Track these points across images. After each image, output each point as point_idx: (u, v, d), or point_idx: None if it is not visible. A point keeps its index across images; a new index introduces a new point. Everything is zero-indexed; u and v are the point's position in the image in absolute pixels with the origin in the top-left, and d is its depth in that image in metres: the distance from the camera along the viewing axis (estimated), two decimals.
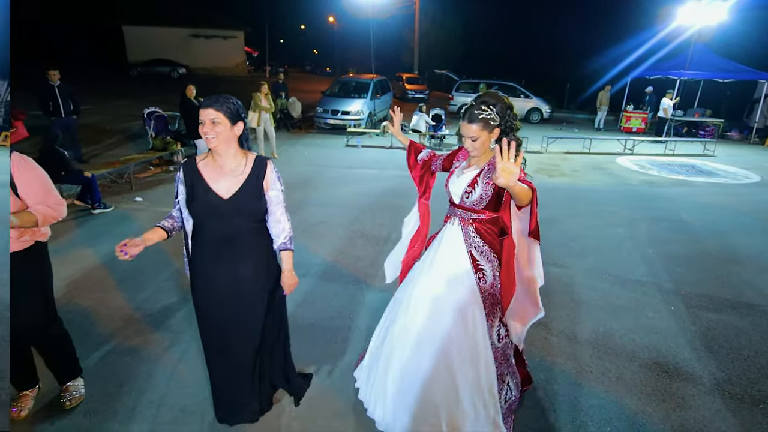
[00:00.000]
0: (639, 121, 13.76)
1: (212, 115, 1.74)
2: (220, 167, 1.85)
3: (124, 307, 3.17)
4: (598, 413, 2.35)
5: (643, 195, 6.79)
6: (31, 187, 1.90)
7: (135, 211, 5.15)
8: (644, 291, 3.72)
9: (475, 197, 1.94)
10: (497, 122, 1.89)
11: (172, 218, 1.94)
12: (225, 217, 1.84)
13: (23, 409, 2.18)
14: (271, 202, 1.91)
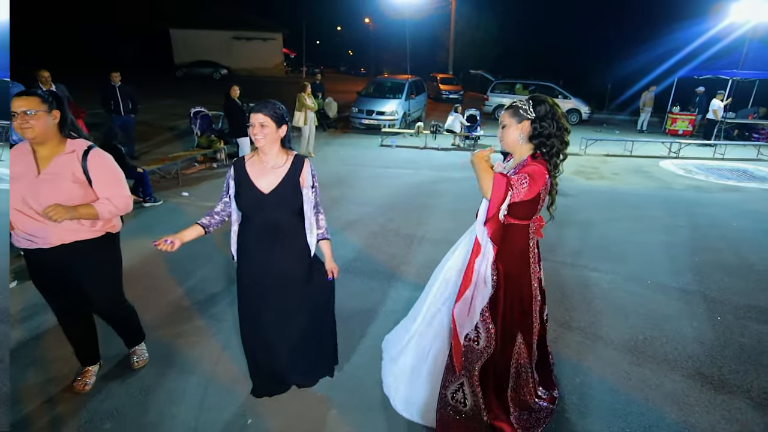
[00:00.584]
0: (686, 123, 13.10)
1: (261, 119, 1.96)
2: (263, 165, 2.07)
3: (172, 295, 3.38)
4: (637, 420, 2.31)
5: (688, 200, 6.50)
6: (102, 179, 2.08)
7: (182, 205, 5.43)
8: (688, 299, 3.59)
9: None
10: (529, 116, 1.87)
11: (210, 215, 2.17)
12: (266, 210, 2.06)
13: (87, 384, 2.39)
14: (307, 197, 2.09)
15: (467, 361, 2.03)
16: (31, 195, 1.94)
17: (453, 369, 2.04)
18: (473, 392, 2.04)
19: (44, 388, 2.38)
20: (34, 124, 1.91)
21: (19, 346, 2.72)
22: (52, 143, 2.01)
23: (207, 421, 2.20)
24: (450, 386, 2.08)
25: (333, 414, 2.28)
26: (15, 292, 3.33)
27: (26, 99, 1.91)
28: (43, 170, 1.98)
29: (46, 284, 2.18)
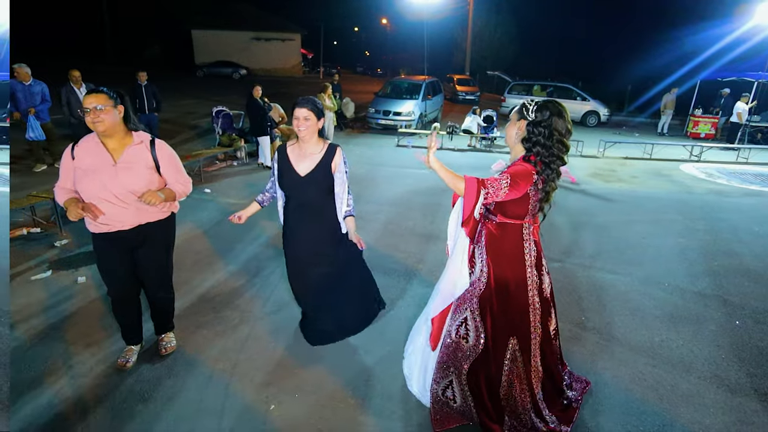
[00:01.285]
0: (708, 126, 12.85)
1: (305, 113, 2.32)
2: (302, 152, 2.44)
3: (197, 287, 3.51)
4: (651, 420, 2.34)
5: (709, 204, 6.40)
6: (169, 166, 2.34)
7: (204, 201, 5.60)
8: (707, 303, 3.57)
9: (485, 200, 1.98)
10: (527, 117, 1.89)
11: (263, 193, 2.62)
12: (302, 189, 2.43)
13: (129, 361, 2.57)
14: (338, 180, 2.45)
15: (456, 359, 2.07)
16: (111, 182, 2.15)
17: (443, 365, 2.12)
18: (462, 391, 2.09)
19: (84, 367, 2.52)
20: (104, 118, 2.09)
21: (57, 328, 2.88)
22: (119, 135, 2.21)
23: (232, 406, 2.30)
24: (441, 382, 2.14)
25: (352, 403, 2.36)
26: (51, 280, 3.51)
27: (96, 96, 2.10)
28: (119, 160, 2.19)
29: (114, 265, 2.36)
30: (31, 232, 4.39)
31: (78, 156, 2.20)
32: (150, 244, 2.38)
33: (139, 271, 2.45)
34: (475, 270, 2.04)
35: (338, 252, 2.56)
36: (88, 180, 2.15)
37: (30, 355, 2.63)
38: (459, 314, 2.08)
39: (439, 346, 2.14)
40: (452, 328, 2.09)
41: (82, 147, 2.21)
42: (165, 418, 2.21)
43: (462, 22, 25.19)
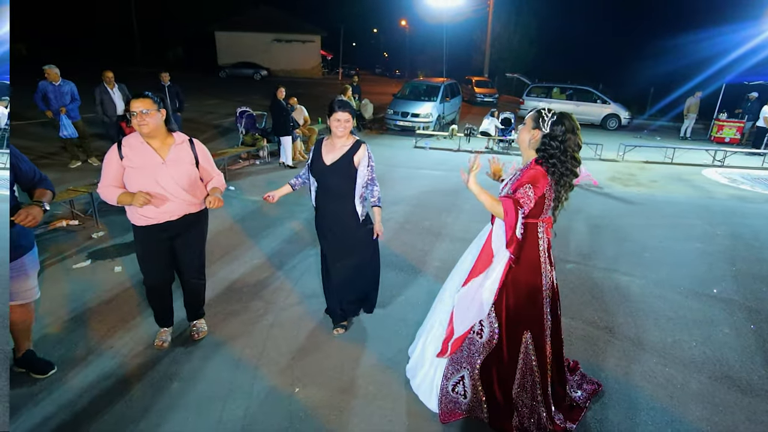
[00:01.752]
0: (733, 130, 12.57)
1: (347, 117, 2.65)
2: (333, 145, 2.74)
3: (225, 278, 3.71)
4: (660, 415, 2.41)
5: (730, 210, 6.34)
6: (206, 160, 2.61)
7: (228, 198, 5.83)
8: (722, 307, 3.60)
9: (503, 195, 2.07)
10: (543, 128, 1.98)
11: (296, 178, 2.94)
12: (326, 176, 2.72)
13: (164, 341, 2.80)
14: (361, 173, 2.71)
15: (469, 354, 2.16)
16: (163, 178, 2.39)
17: (455, 360, 2.21)
18: (474, 386, 2.17)
19: (125, 348, 2.73)
20: (149, 121, 2.31)
21: (98, 312, 3.11)
22: (161, 136, 2.44)
23: (260, 388, 2.47)
24: (451, 378, 2.22)
25: (372, 390, 2.50)
26: (90, 269, 3.76)
27: (142, 101, 2.31)
28: (167, 158, 2.42)
29: (151, 254, 2.58)
30: (70, 224, 4.67)
31: (126, 155, 2.38)
32: (190, 234, 2.62)
33: (178, 258, 2.66)
34: (491, 269, 2.14)
35: (353, 241, 2.85)
36: (140, 177, 2.36)
37: (75, 336, 2.86)
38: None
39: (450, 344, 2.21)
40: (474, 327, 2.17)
41: (130, 147, 2.40)
42: (199, 396, 2.40)
43: (481, 23, 25.13)
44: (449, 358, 2.23)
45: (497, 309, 2.11)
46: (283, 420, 2.26)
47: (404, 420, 2.30)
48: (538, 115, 2.02)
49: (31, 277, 2.36)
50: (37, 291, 2.43)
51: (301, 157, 8.39)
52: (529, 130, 2.05)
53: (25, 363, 2.51)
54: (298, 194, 6.15)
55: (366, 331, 3.06)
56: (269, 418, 2.27)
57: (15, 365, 2.52)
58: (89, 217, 4.84)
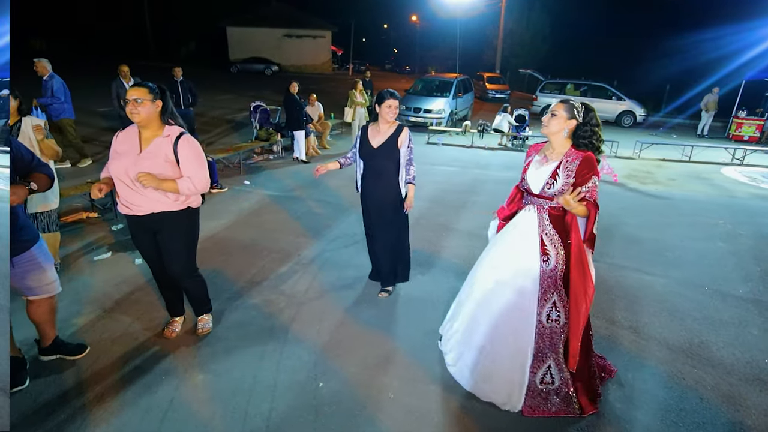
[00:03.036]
0: (753, 128, 12.32)
1: (395, 103, 3.03)
2: (379, 129, 3.11)
3: (244, 272, 3.71)
4: (691, 417, 2.36)
5: (752, 209, 6.21)
6: (187, 162, 2.40)
7: (244, 193, 5.85)
8: (748, 308, 3.52)
9: (557, 188, 2.13)
10: (578, 117, 2.12)
11: (345, 158, 3.26)
12: (374, 158, 3.11)
13: (173, 331, 2.82)
14: (403, 154, 3.11)
15: (552, 342, 2.20)
16: (131, 169, 2.31)
17: (540, 353, 2.22)
18: (560, 369, 2.22)
19: (147, 341, 2.75)
20: (141, 110, 2.28)
21: (120, 303, 3.13)
22: (153, 127, 2.37)
23: (284, 382, 2.46)
24: (538, 371, 2.24)
25: (395, 385, 2.49)
26: (111, 261, 3.79)
27: (138, 89, 2.29)
28: (144, 149, 2.35)
29: (141, 243, 2.59)
30: (89, 217, 4.71)
31: (118, 140, 2.41)
32: (167, 233, 2.50)
33: (162, 257, 2.58)
34: (550, 257, 2.18)
35: (393, 215, 3.21)
36: (115, 163, 2.35)
37: (99, 327, 2.88)
38: (546, 302, 2.20)
39: (533, 336, 2.22)
40: (543, 317, 2.20)
41: (125, 133, 2.42)
42: (224, 389, 2.39)
43: (494, 19, 24.88)
44: (533, 354, 2.23)
45: (567, 293, 2.19)
46: (308, 415, 2.25)
47: (431, 416, 2.28)
48: (572, 106, 2.14)
49: (49, 270, 2.34)
50: (58, 285, 2.42)
51: (314, 152, 8.39)
52: (565, 121, 2.14)
53: (54, 349, 2.55)
54: (314, 189, 6.16)
55: (388, 327, 3.04)
56: (295, 412, 2.26)
57: (42, 355, 2.54)
58: (108, 209, 4.88)
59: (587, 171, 2.09)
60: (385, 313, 3.20)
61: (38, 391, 2.32)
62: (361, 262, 3.97)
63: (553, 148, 2.21)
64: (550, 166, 2.17)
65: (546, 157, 2.21)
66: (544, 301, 2.20)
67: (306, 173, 7.06)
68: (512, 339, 2.25)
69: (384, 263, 3.35)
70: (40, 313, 2.40)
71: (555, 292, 2.19)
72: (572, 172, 2.09)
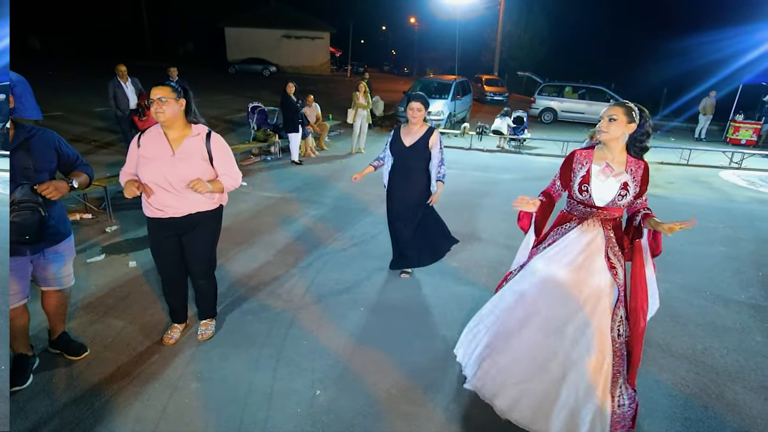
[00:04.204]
0: (750, 132, 12.36)
1: (420, 106, 3.20)
2: (410, 130, 3.33)
3: (241, 275, 3.65)
4: (696, 426, 2.32)
5: (751, 213, 6.19)
6: (221, 158, 2.42)
7: (242, 194, 5.77)
8: (751, 314, 3.48)
9: (628, 199, 2.07)
10: (637, 120, 2.02)
11: (377, 160, 3.53)
12: (405, 157, 3.34)
13: (172, 338, 2.75)
14: (434, 155, 3.32)
15: (621, 360, 2.09)
16: (169, 171, 2.29)
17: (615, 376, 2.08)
18: (627, 387, 2.11)
19: (141, 346, 2.68)
20: (165, 109, 2.24)
21: (114, 308, 3.06)
22: (179, 127, 2.34)
23: (280, 390, 2.40)
24: (615, 395, 2.08)
25: (394, 393, 2.43)
26: (105, 264, 3.72)
27: (161, 88, 2.26)
28: (177, 150, 2.32)
29: (165, 248, 2.53)
30: (83, 218, 4.63)
31: (143, 144, 2.36)
32: (197, 232, 2.50)
33: (185, 256, 2.58)
34: (618, 273, 2.10)
35: (420, 204, 3.43)
36: (149, 167, 2.30)
37: (91, 332, 2.80)
38: (616, 317, 2.10)
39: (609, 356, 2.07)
40: (614, 330, 2.08)
41: (148, 136, 2.38)
42: (218, 397, 2.33)
43: (492, 21, 24.93)
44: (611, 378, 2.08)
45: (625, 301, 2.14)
46: (305, 424, 2.19)
47: (429, 426, 2.22)
48: (631, 110, 2.03)
49: (70, 263, 2.39)
50: (73, 277, 2.46)
51: (311, 153, 8.32)
52: (625, 125, 2.03)
53: (60, 345, 2.54)
54: (312, 191, 6.10)
55: (386, 333, 2.98)
56: (291, 421, 2.20)
57: (50, 346, 2.57)
58: (103, 211, 4.80)
59: (647, 181, 2.08)
60: (383, 319, 3.15)
61: (26, 397, 2.25)
62: (359, 266, 3.91)
63: (613, 156, 2.08)
64: (619, 177, 2.06)
65: (609, 167, 2.07)
66: (614, 316, 2.09)
67: (303, 175, 7.00)
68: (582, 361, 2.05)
69: (407, 246, 3.57)
70: (53, 305, 2.43)
71: (621, 306, 2.10)
72: (639, 182, 2.05)
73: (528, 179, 7.55)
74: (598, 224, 2.13)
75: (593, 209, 2.11)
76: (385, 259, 3.99)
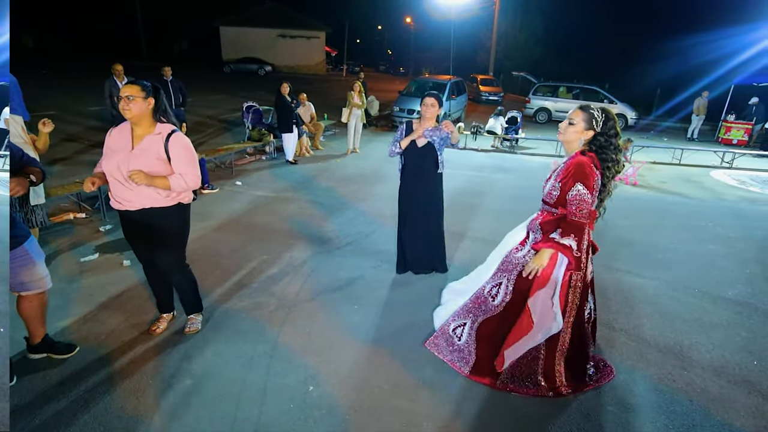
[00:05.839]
0: (741, 132, 12.48)
1: (434, 101, 3.30)
2: (421, 127, 3.37)
3: (235, 273, 3.67)
4: (681, 419, 2.37)
5: (741, 212, 6.28)
6: (178, 158, 2.43)
7: (236, 194, 5.79)
8: (738, 310, 3.55)
9: (547, 190, 2.19)
10: (596, 128, 2.05)
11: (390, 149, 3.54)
12: (416, 155, 3.41)
13: (159, 328, 2.82)
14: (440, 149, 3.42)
15: (477, 309, 2.49)
16: (123, 165, 2.34)
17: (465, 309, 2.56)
18: (470, 335, 2.54)
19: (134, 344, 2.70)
20: (132, 107, 2.29)
21: (107, 306, 3.08)
22: (145, 124, 2.39)
23: (274, 386, 2.43)
24: (456, 320, 2.59)
25: (386, 388, 2.46)
26: (99, 262, 3.73)
27: (131, 87, 2.31)
28: (136, 146, 2.38)
29: (133, 239, 2.61)
30: (77, 217, 4.64)
31: (112, 136, 2.44)
32: (158, 228, 2.53)
33: (152, 251, 2.60)
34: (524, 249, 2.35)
35: (432, 202, 3.54)
36: (108, 159, 2.38)
37: (84, 330, 2.82)
38: (495, 279, 2.38)
39: (471, 296, 2.52)
40: (487, 286, 2.44)
41: (118, 129, 2.45)
42: (212, 393, 2.35)
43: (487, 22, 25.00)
44: (461, 306, 2.59)
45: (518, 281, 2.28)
46: (298, 419, 2.22)
47: (420, 420, 2.26)
48: (590, 117, 2.07)
49: (39, 266, 2.36)
50: (49, 280, 2.44)
51: (306, 152, 8.34)
52: (582, 132, 2.09)
53: (43, 348, 2.53)
54: (306, 190, 6.12)
55: (379, 330, 3.02)
56: (284, 416, 2.23)
57: (31, 353, 2.53)
58: (96, 210, 4.80)
59: (570, 178, 2.05)
60: (376, 316, 3.18)
61: (20, 394, 2.27)
62: (353, 264, 3.95)
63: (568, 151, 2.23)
64: (556, 172, 2.17)
65: (556, 162, 2.27)
66: (494, 278, 2.42)
67: (298, 174, 7.02)
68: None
69: (416, 250, 3.65)
70: (31, 308, 2.41)
71: (507, 277, 2.32)
72: (560, 176, 2.09)
73: (522, 179, 7.60)
74: (539, 211, 2.36)
75: (542, 203, 2.32)
76: (379, 257, 4.03)
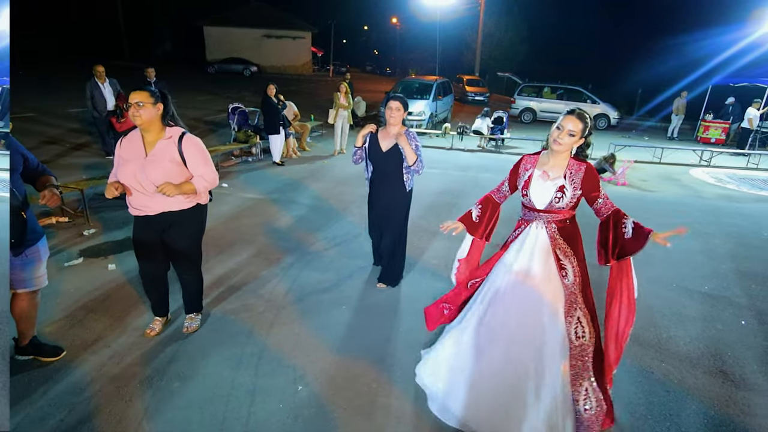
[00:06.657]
0: (719, 131, 12.85)
1: (399, 105, 3.13)
2: (387, 133, 3.22)
3: (222, 276, 3.67)
4: (658, 409, 2.46)
5: (719, 209, 6.47)
6: (194, 160, 2.48)
7: (223, 196, 5.77)
8: (713, 304, 3.68)
9: (566, 201, 2.13)
10: (586, 134, 2.13)
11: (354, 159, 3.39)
12: (383, 161, 3.25)
13: (154, 330, 2.83)
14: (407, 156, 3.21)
15: (584, 361, 2.08)
16: (139, 173, 2.36)
17: (576, 375, 2.06)
18: (596, 393, 2.08)
19: (121, 348, 2.69)
20: (142, 113, 2.31)
21: (93, 310, 3.05)
22: (155, 130, 2.41)
23: (263, 387, 2.45)
24: (579, 399, 2.07)
25: (375, 387, 2.50)
26: (83, 267, 3.69)
27: (139, 93, 2.33)
28: (150, 153, 2.40)
29: (145, 243, 2.60)
30: (60, 221, 4.57)
31: (123, 146, 2.46)
32: (176, 229, 2.58)
33: (167, 253, 2.67)
34: (568, 273, 2.16)
35: (400, 211, 3.42)
36: (123, 169, 2.40)
37: (70, 335, 2.80)
38: (572, 319, 2.11)
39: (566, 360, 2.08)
40: (571, 333, 2.09)
41: (128, 138, 2.47)
42: (201, 395, 2.36)
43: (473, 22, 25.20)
44: (570, 377, 2.07)
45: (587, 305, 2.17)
46: (287, 419, 2.25)
47: (409, 418, 2.31)
48: (586, 125, 2.11)
49: (44, 263, 2.43)
50: (46, 278, 2.46)
51: (293, 154, 8.33)
52: (578, 140, 2.12)
53: (31, 349, 2.52)
54: (293, 192, 6.12)
55: (367, 330, 3.06)
56: (273, 416, 2.26)
57: (18, 354, 2.51)
58: (80, 213, 4.74)
59: (596, 182, 2.17)
60: (364, 316, 3.22)
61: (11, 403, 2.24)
62: (341, 265, 3.98)
63: (554, 162, 2.15)
64: (555, 182, 2.13)
65: (546, 172, 2.15)
66: (569, 318, 2.10)
67: (285, 176, 7.01)
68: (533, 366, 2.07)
69: (385, 259, 3.54)
70: (24, 307, 2.41)
71: (578, 307, 2.12)
72: (578, 184, 2.13)
73: None
74: (542, 225, 2.20)
75: (536, 212, 2.21)
76: (367, 258, 4.06)
